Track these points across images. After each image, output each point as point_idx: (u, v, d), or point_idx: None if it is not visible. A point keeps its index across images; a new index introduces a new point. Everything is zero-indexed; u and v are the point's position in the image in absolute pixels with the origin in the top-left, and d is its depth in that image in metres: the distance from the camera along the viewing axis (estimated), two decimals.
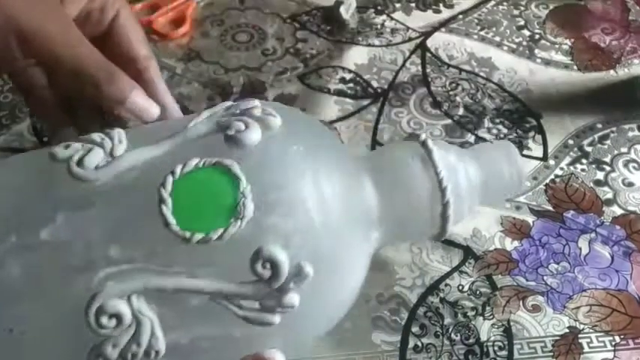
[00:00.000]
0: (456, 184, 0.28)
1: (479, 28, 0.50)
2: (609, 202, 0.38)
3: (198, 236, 0.23)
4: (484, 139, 0.41)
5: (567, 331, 0.32)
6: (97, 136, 0.25)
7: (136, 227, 0.23)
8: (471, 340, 0.32)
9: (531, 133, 0.42)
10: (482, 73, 0.46)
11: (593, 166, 0.40)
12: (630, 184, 0.39)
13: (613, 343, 0.32)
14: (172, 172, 0.24)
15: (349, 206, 0.26)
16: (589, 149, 0.41)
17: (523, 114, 0.43)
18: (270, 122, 0.25)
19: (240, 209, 0.23)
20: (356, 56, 0.47)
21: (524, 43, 0.49)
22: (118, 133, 0.25)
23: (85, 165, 0.24)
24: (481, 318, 0.33)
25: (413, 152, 0.29)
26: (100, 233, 0.23)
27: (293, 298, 0.23)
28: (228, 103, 0.27)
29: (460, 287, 0.34)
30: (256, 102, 0.26)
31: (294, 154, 0.25)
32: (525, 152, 0.41)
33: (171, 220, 0.23)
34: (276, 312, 0.23)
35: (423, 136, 0.29)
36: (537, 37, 0.49)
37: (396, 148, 0.31)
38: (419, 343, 0.32)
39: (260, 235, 0.23)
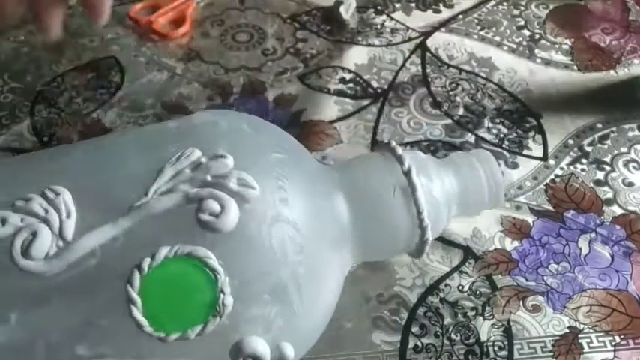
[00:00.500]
0: (436, 219, 0.28)
1: (479, 28, 0.50)
2: (609, 202, 0.38)
3: (175, 335, 0.21)
4: (484, 139, 0.41)
5: (567, 331, 0.32)
6: (37, 206, 0.21)
7: (104, 326, 0.21)
8: (471, 340, 0.32)
9: (531, 133, 0.42)
10: (482, 73, 0.46)
11: (593, 166, 0.40)
12: (630, 184, 0.39)
13: (613, 343, 0.32)
14: (139, 268, 0.21)
15: (327, 252, 0.25)
16: (589, 149, 0.41)
17: (523, 114, 0.43)
18: (247, 195, 0.22)
19: (220, 306, 0.21)
20: (356, 56, 0.47)
21: (524, 43, 0.49)
22: (64, 199, 0.21)
23: (33, 255, 0.20)
24: (481, 318, 0.33)
25: (394, 183, 0.27)
26: (62, 332, 0.21)
27: None
28: (195, 157, 0.23)
29: (460, 287, 0.34)
30: (229, 162, 0.23)
31: (277, 230, 0.23)
32: (525, 152, 0.41)
33: (144, 323, 0.21)
34: None
35: (407, 164, 0.27)
36: (537, 37, 0.49)
37: (375, 171, 0.28)
38: (419, 343, 0.32)
39: (240, 326, 0.22)
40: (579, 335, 0.32)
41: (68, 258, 0.21)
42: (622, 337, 0.32)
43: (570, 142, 0.42)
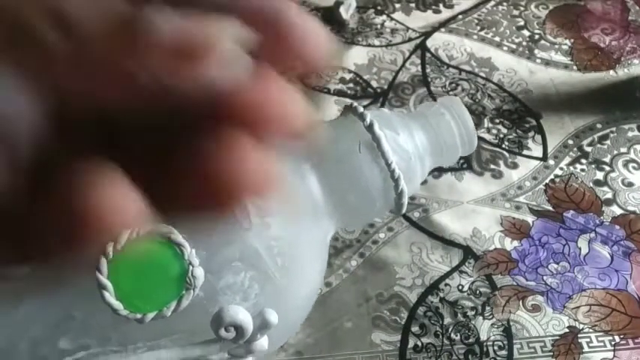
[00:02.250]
0: (408, 168, 0.27)
1: (479, 28, 0.50)
2: (609, 202, 0.38)
3: (151, 315, 0.21)
4: (484, 139, 0.41)
5: (567, 330, 0.32)
6: None
7: (82, 317, 0.21)
8: (471, 340, 0.32)
9: (531, 133, 0.42)
10: (482, 74, 0.46)
11: (593, 166, 0.40)
12: (630, 184, 0.39)
13: (613, 343, 0.32)
14: (104, 253, 0.21)
15: (301, 224, 0.25)
16: (589, 149, 0.41)
17: (523, 114, 0.43)
18: None
19: (190, 279, 0.21)
20: (356, 56, 0.47)
21: (524, 43, 0.49)
22: None
23: None
24: (481, 318, 0.33)
25: (358, 139, 0.27)
26: (43, 329, 0.21)
27: (262, 343, 0.22)
28: None
29: (460, 287, 0.34)
30: None
31: None
32: (525, 152, 0.41)
33: (118, 306, 0.21)
34: (247, 356, 0.23)
35: (368, 119, 0.27)
36: (537, 37, 0.49)
37: (339, 134, 0.28)
38: (419, 343, 0.32)
39: (217, 296, 0.22)
40: (579, 335, 0.32)
41: None
42: (622, 336, 0.32)
43: (570, 142, 0.42)
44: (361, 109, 0.27)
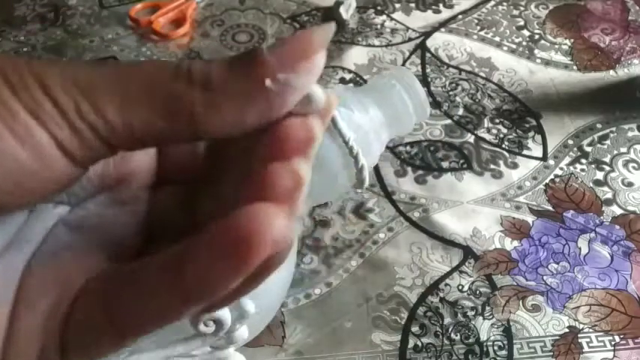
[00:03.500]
0: (365, 143, 0.28)
1: (479, 28, 0.50)
2: (609, 202, 0.38)
3: None
4: (484, 139, 0.41)
5: (567, 330, 0.32)
6: None
7: None
8: (471, 340, 0.32)
9: (531, 133, 0.42)
10: (482, 73, 0.46)
11: (593, 166, 0.40)
12: (630, 184, 0.39)
13: (613, 343, 0.32)
14: None
15: None
16: (588, 149, 0.41)
17: (523, 114, 0.43)
18: None
19: None
20: (356, 56, 0.47)
21: (524, 43, 0.49)
22: None
23: None
24: (481, 318, 0.33)
25: None
26: None
27: (242, 332, 0.23)
28: None
29: (460, 287, 0.34)
30: None
31: None
32: (525, 152, 0.41)
33: None
34: (228, 346, 0.23)
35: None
36: (537, 37, 0.49)
37: None
38: (419, 343, 0.32)
39: None
40: (579, 335, 0.32)
41: None
42: (622, 336, 0.32)
43: (570, 142, 0.42)
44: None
